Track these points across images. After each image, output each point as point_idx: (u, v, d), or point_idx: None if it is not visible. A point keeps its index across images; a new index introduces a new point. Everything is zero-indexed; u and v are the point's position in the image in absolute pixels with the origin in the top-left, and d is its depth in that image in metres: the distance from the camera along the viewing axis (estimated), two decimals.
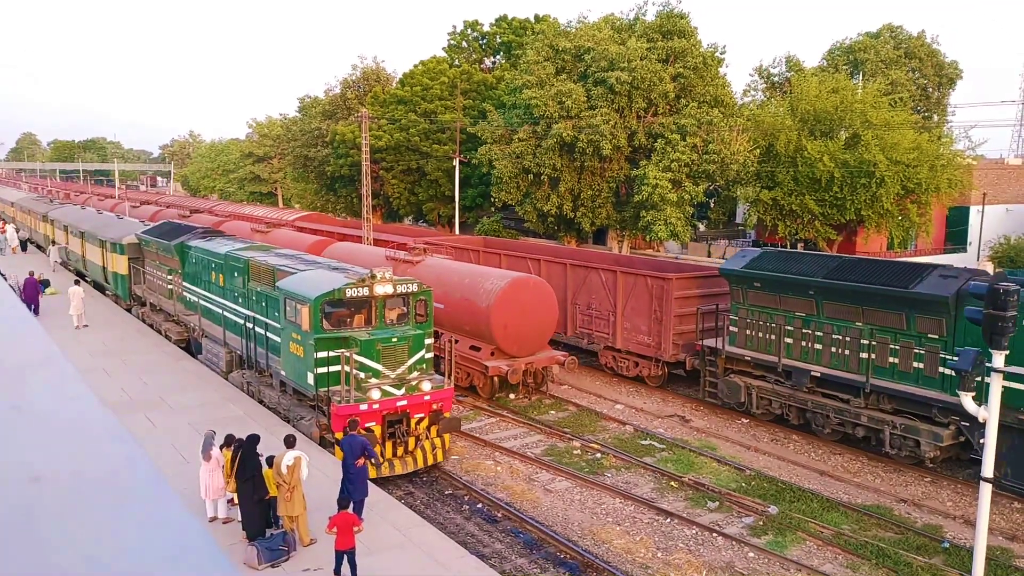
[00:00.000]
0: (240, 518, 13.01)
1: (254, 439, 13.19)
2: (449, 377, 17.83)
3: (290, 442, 13.17)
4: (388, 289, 16.90)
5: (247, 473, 12.69)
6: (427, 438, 17.14)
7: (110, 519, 0.84)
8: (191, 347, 24.97)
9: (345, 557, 11.62)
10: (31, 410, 1.06)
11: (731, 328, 21.13)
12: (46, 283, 33.89)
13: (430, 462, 17.33)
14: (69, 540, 0.79)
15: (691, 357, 22.75)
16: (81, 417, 1.04)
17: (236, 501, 13.09)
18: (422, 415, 16.99)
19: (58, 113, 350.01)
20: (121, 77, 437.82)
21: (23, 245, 50.52)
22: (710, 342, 21.61)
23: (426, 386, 16.86)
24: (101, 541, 0.80)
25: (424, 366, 17.14)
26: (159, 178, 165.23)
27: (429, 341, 17.37)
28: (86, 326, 27.95)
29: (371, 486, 15.13)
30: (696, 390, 23.10)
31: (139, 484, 0.90)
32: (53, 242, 38.14)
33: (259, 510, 12.79)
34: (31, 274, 31.33)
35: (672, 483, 17.48)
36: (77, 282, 29.88)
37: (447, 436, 17.74)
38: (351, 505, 12.27)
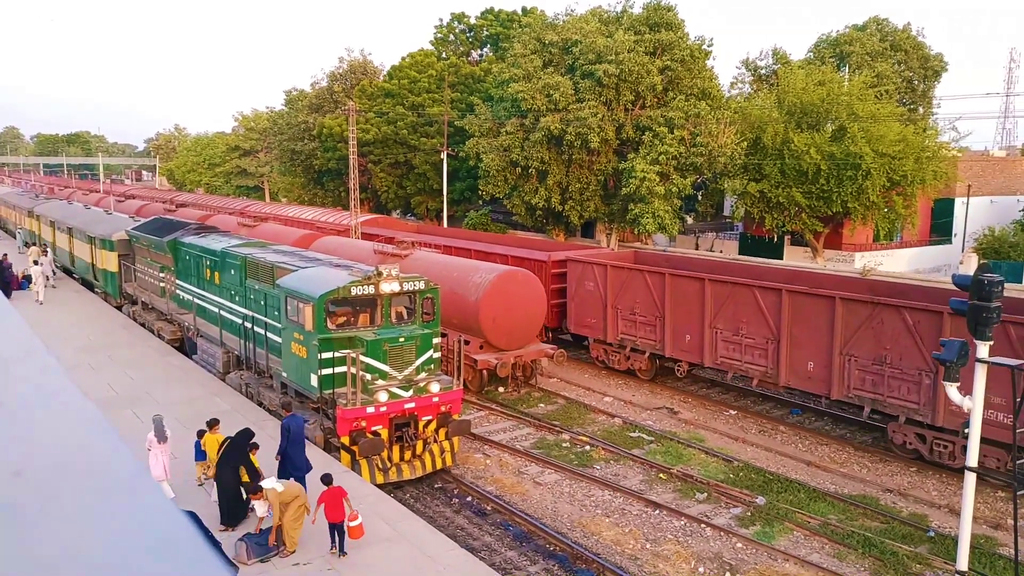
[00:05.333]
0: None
1: (247, 434, 13.29)
2: (458, 378, 17.24)
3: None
4: (394, 287, 16.31)
5: (230, 463, 12.81)
6: (435, 441, 16.67)
7: (93, 513, 0.83)
8: (185, 346, 24.54)
9: (336, 530, 12.00)
10: (13, 404, 1.05)
11: None
12: (28, 279, 33.84)
13: (439, 466, 16.87)
14: (52, 534, 0.78)
15: None
16: (63, 411, 1.03)
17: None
18: (430, 418, 16.44)
19: (42, 107, 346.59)
20: (105, 70, 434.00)
21: None
22: None
23: (434, 387, 16.29)
24: (84, 535, 0.79)
25: (432, 366, 16.59)
26: (144, 172, 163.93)
27: (437, 340, 16.80)
28: (41, 303, 30.87)
29: (360, 479, 15.15)
30: None
31: (123, 478, 0.89)
32: (44, 250, 38.21)
33: (239, 499, 12.90)
34: (4, 256, 34.67)
35: (661, 475, 17.56)
36: (36, 263, 33.15)
37: (456, 439, 17.25)
38: (333, 479, 12.55)
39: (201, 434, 14.73)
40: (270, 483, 12.22)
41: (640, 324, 23.64)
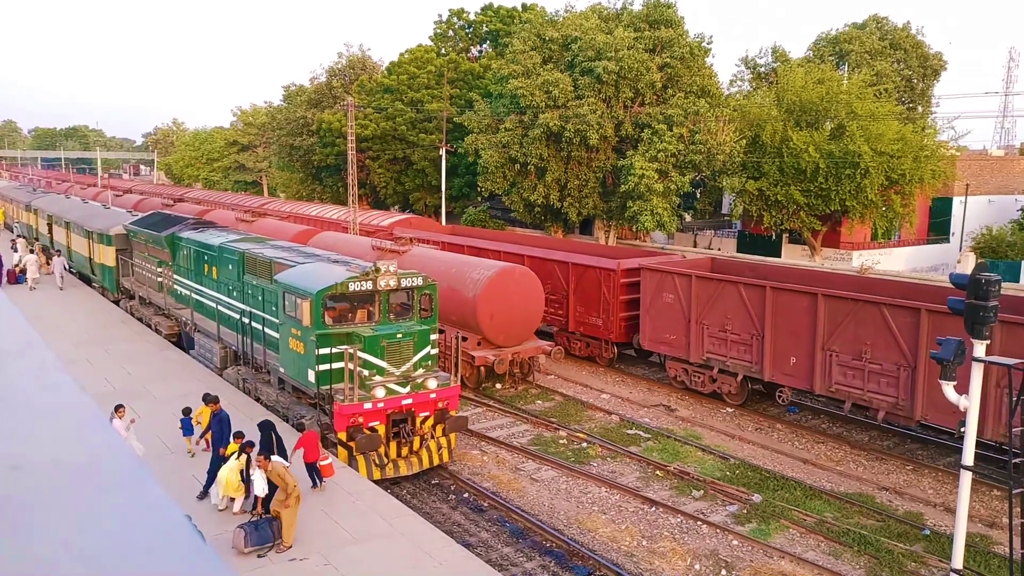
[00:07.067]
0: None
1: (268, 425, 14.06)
2: (455, 374, 17.26)
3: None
4: (392, 283, 16.35)
5: (278, 451, 13.55)
6: (432, 438, 16.70)
7: (90, 507, 0.83)
8: (182, 342, 24.50)
9: (312, 469, 13.41)
10: (11, 398, 1.05)
11: None
12: (24, 272, 33.86)
13: (436, 462, 16.90)
14: (49, 529, 0.78)
15: None
16: (61, 405, 1.04)
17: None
18: (428, 414, 16.49)
19: (40, 101, 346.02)
20: (104, 65, 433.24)
21: None
22: None
23: (432, 384, 16.32)
24: (81, 530, 0.79)
25: (430, 363, 16.62)
26: (142, 166, 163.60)
27: (435, 337, 16.85)
28: (34, 288, 32.79)
29: (357, 475, 15.17)
30: None
31: (120, 472, 0.89)
32: (58, 252, 38.22)
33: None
34: None
35: (657, 472, 17.59)
36: (32, 251, 35.12)
37: (453, 435, 17.30)
38: (306, 425, 13.92)
39: (187, 411, 15.39)
40: (276, 458, 12.93)
41: (732, 343, 20.82)
